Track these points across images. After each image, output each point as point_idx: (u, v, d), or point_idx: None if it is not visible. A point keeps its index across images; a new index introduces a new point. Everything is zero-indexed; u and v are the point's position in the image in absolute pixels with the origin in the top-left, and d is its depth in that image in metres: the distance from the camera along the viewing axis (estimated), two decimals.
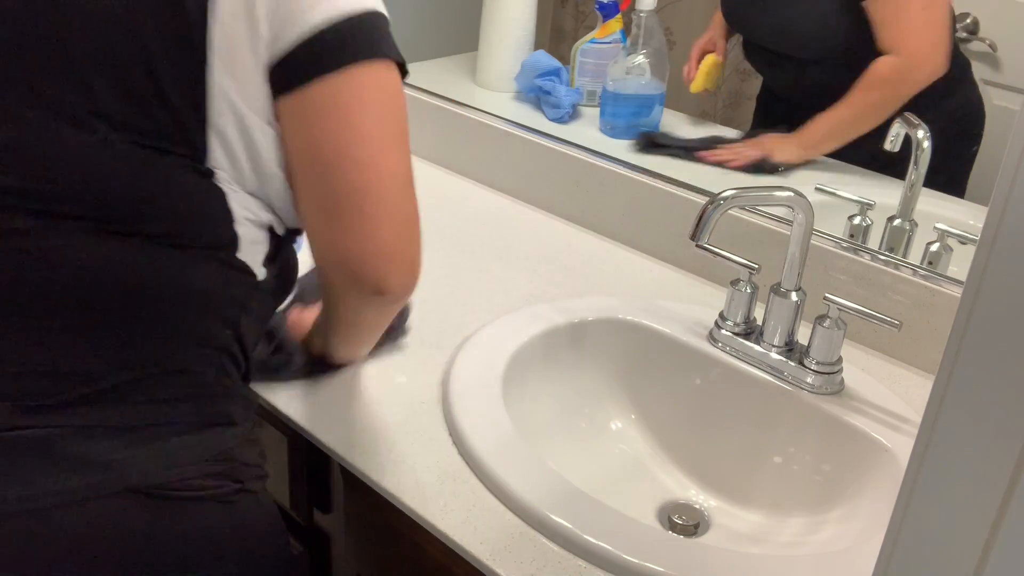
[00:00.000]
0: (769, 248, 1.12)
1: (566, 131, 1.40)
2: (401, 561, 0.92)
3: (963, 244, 1.07)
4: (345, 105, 0.74)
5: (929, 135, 1.05)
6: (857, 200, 1.15)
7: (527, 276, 1.21)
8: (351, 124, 0.74)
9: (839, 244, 1.10)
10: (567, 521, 0.80)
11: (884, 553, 0.46)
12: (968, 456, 0.41)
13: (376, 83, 0.75)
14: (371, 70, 0.74)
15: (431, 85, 1.53)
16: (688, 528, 0.98)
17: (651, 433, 1.08)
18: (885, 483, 0.90)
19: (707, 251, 0.98)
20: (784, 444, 1.00)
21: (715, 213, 0.92)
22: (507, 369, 1.00)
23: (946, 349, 0.41)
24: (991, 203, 0.38)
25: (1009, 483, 0.40)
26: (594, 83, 1.45)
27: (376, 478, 0.87)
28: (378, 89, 0.75)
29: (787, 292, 0.99)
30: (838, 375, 0.99)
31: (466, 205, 1.40)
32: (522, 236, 1.32)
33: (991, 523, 0.41)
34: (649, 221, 1.26)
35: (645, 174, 1.27)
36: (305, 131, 0.75)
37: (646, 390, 1.09)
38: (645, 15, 1.33)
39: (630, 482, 1.03)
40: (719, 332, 1.05)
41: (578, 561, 0.79)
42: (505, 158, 1.41)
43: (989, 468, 0.40)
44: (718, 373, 1.04)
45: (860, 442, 0.94)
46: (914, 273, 1.05)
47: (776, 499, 0.99)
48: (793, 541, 0.95)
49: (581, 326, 1.09)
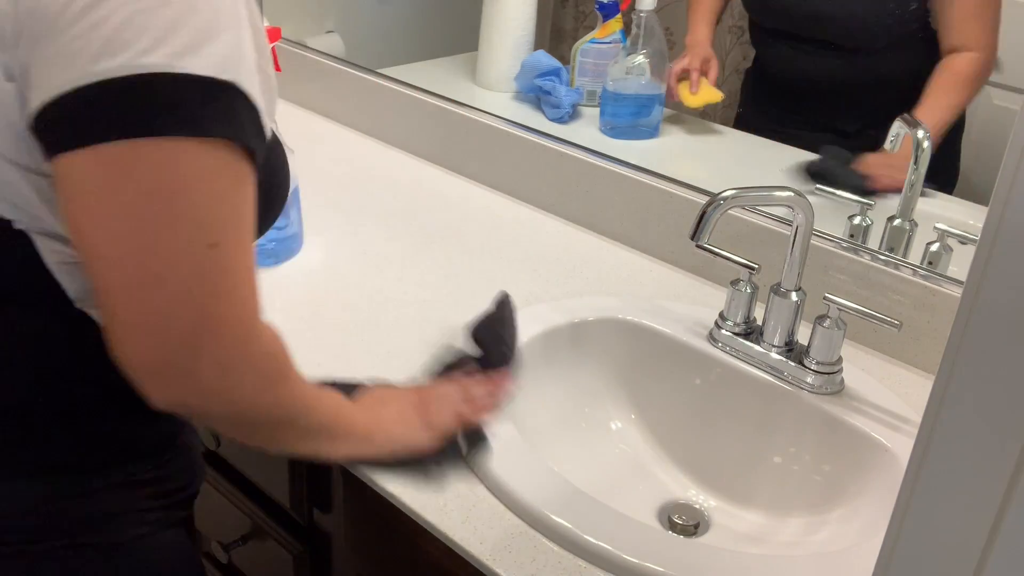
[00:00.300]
0: (769, 248, 1.12)
1: (566, 131, 1.40)
2: (401, 561, 0.92)
3: (963, 244, 1.07)
4: (90, 191, 0.59)
5: (929, 135, 1.05)
6: (857, 200, 1.15)
7: (527, 276, 1.21)
8: (97, 212, 0.59)
9: (839, 244, 1.10)
10: (567, 521, 0.80)
11: (884, 553, 0.46)
12: (968, 456, 0.41)
13: (136, 167, 0.58)
14: (135, 150, 0.58)
15: (431, 85, 1.53)
16: (688, 528, 0.98)
17: (651, 433, 1.08)
18: (885, 483, 0.90)
19: (707, 251, 0.98)
20: (784, 444, 1.00)
21: (715, 213, 0.92)
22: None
23: (946, 349, 0.41)
24: (991, 203, 0.38)
25: (1009, 483, 0.40)
26: (594, 83, 1.45)
27: (376, 478, 0.86)
28: (139, 174, 0.58)
29: (787, 292, 0.99)
30: (838, 375, 0.99)
31: (466, 205, 1.40)
32: (522, 236, 1.32)
33: (991, 523, 0.41)
34: (649, 221, 1.26)
35: (645, 174, 1.27)
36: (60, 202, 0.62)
37: (646, 390, 1.09)
38: (645, 15, 1.33)
39: (630, 482, 1.03)
40: (719, 332, 1.05)
41: (578, 561, 0.79)
42: (505, 158, 1.41)
43: (989, 468, 0.40)
44: (718, 373, 1.04)
45: (860, 442, 0.94)
46: (914, 273, 1.05)
47: (776, 499, 0.99)
48: (793, 541, 0.95)
49: (581, 326, 1.09)
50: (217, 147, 0.59)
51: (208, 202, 0.60)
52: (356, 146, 1.58)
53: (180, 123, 0.58)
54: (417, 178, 1.48)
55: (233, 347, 0.63)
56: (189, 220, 0.59)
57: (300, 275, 1.19)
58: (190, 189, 0.59)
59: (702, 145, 1.42)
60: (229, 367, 0.63)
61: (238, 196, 0.62)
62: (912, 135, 1.06)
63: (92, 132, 0.57)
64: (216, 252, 0.60)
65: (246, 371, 0.64)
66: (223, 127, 0.59)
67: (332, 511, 1.01)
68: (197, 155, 0.59)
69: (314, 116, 1.68)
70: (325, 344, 1.04)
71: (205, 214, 0.60)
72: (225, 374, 0.63)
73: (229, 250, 0.61)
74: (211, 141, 0.59)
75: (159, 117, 0.57)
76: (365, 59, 1.64)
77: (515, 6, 1.50)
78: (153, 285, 0.59)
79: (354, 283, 1.17)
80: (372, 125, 1.60)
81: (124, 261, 0.59)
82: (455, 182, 1.47)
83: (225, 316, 0.62)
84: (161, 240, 0.59)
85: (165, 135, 0.57)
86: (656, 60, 1.36)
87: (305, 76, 1.68)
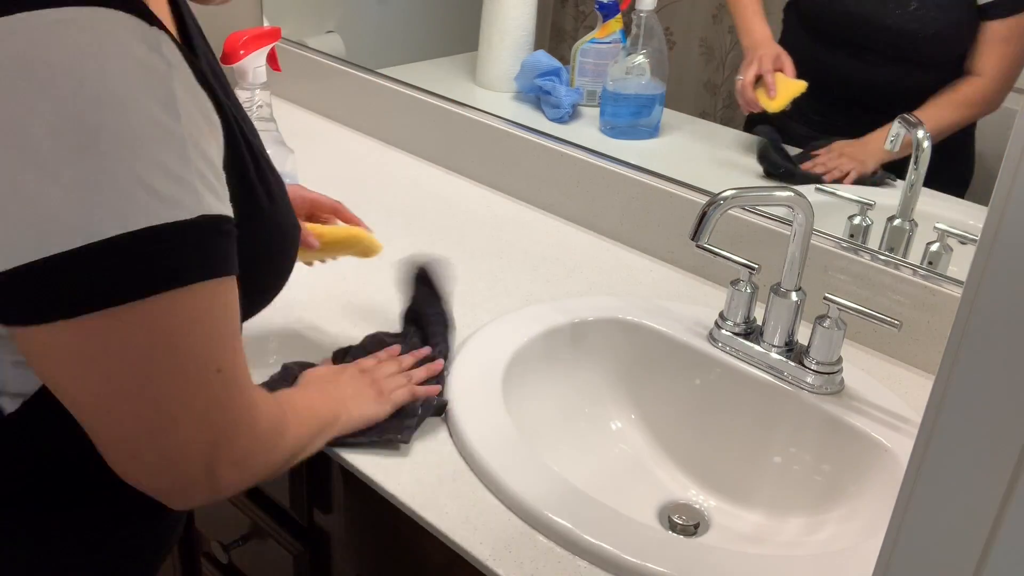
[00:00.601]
0: (769, 248, 1.12)
1: (566, 131, 1.40)
2: (401, 561, 0.92)
3: (963, 244, 1.07)
4: (72, 359, 0.57)
5: (929, 135, 1.05)
6: (857, 200, 1.15)
7: (527, 276, 1.21)
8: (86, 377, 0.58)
9: (839, 244, 1.10)
10: (567, 521, 0.80)
11: (884, 553, 0.46)
12: (968, 456, 0.41)
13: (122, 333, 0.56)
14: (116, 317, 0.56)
15: (431, 85, 1.53)
16: (688, 528, 0.98)
17: (651, 433, 1.08)
18: (885, 483, 0.90)
19: (707, 251, 0.98)
20: (784, 444, 1.00)
21: (715, 213, 0.92)
22: (507, 369, 1.00)
23: (946, 349, 0.41)
24: (991, 203, 0.38)
25: (1009, 483, 0.40)
26: (594, 83, 1.45)
27: (376, 478, 0.86)
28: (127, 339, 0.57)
29: (787, 292, 0.99)
30: (838, 375, 0.99)
31: (466, 205, 1.40)
32: (522, 236, 1.31)
33: (991, 523, 0.41)
34: (649, 221, 1.26)
35: (645, 174, 1.27)
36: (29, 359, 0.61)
37: (646, 390, 1.09)
38: (645, 15, 1.33)
39: (630, 482, 1.03)
40: (719, 332, 1.05)
41: (578, 561, 0.79)
42: (505, 158, 1.41)
43: (989, 468, 0.40)
44: (718, 373, 1.04)
45: (860, 442, 0.94)
46: (914, 273, 1.05)
47: (776, 499, 0.99)
48: (793, 541, 0.95)
49: (581, 326, 1.09)
50: (197, 289, 0.58)
51: (205, 339, 0.60)
52: (356, 146, 1.58)
53: (155, 280, 0.56)
54: (417, 178, 1.48)
55: (246, 442, 0.65)
56: (191, 362, 0.59)
57: (300, 275, 1.18)
58: (185, 335, 0.59)
59: (702, 145, 1.42)
60: (245, 462, 0.66)
61: (226, 317, 0.62)
62: (912, 135, 1.06)
63: (60, 308, 0.55)
64: (222, 374, 0.62)
65: (259, 454, 0.68)
66: (199, 269, 0.58)
67: (332, 511, 1.01)
68: (181, 303, 0.58)
69: (314, 116, 1.68)
70: (325, 344, 1.04)
71: (205, 350, 0.60)
72: (243, 469, 0.66)
73: (231, 364, 0.63)
74: (189, 288, 0.58)
75: (132, 281, 0.55)
76: (365, 59, 1.64)
77: (515, 6, 1.50)
78: (168, 427, 0.60)
79: (354, 283, 1.17)
80: (372, 125, 1.60)
81: (131, 414, 0.59)
82: (455, 182, 1.47)
83: (236, 421, 0.64)
84: (168, 389, 0.59)
85: (140, 299, 0.56)
86: (656, 60, 1.36)
87: (305, 76, 1.68)
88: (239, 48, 1.13)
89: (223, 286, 0.60)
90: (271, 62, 1.18)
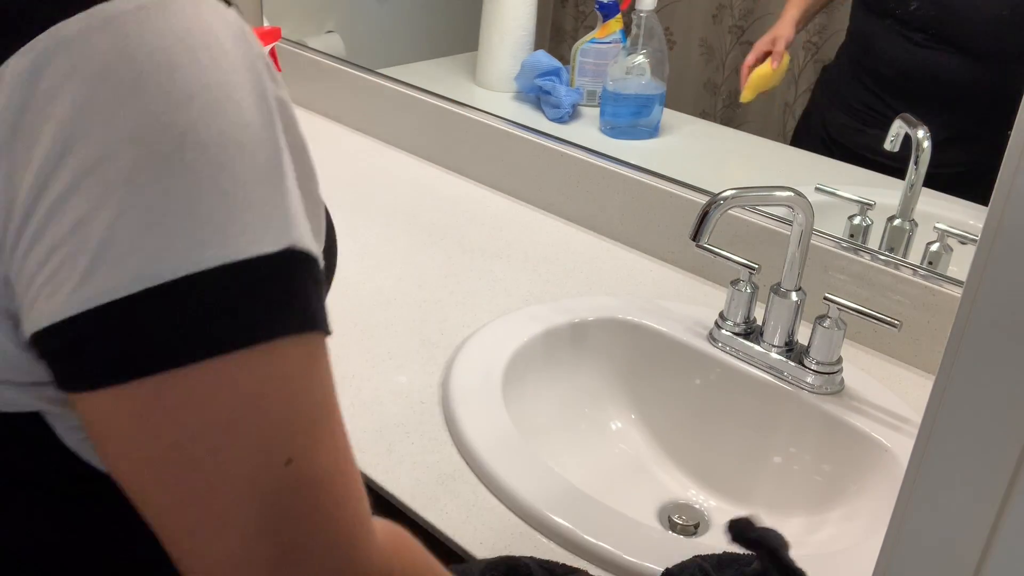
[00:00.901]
0: (769, 248, 1.12)
1: (566, 131, 1.40)
2: None
3: (963, 244, 1.07)
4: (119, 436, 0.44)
5: (929, 135, 1.05)
6: (857, 200, 1.15)
7: (527, 276, 1.21)
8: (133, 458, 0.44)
9: (839, 244, 1.10)
10: (567, 521, 0.80)
11: (884, 553, 0.46)
12: (968, 456, 0.41)
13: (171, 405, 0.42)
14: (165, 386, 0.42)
15: (431, 85, 1.53)
16: (688, 528, 0.98)
17: (651, 433, 1.08)
18: (885, 483, 0.90)
19: (707, 251, 0.98)
20: (784, 444, 1.00)
21: (715, 213, 0.92)
22: (507, 369, 1.00)
23: (946, 349, 0.41)
24: (991, 203, 0.38)
25: (1009, 483, 0.40)
26: (594, 83, 1.45)
27: (376, 478, 0.86)
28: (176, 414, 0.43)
29: (787, 292, 0.99)
30: (838, 375, 0.99)
31: (466, 205, 1.40)
32: (522, 236, 1.32)
33: (991, 523, 0.41)
34: (649, 221, 1.26)
35: (645, 174, 1.27)
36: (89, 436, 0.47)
37: (646, 390, 1.09)
38: (645, 15, 1.33)
39: (630, 482, 1.03)
40: (719, 332, 1.05)
41: (578, 561, 0.79)
42: (505, 158, 1.41)
43: (989, 468, 0.40)
44: (718, 373, 1.04)
45: (860, 442, 0.94)
46: (914, 273, 1.05)
47: (776, 499, 0.99)
48: (793, 541, 0.95)
49: (581, 326, 1.09)
50: (277, 346, 0.44)
51: (275, 419, 0.44)
52: (356, 146, 1.58)
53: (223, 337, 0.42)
54: (417, 178, 1.48)
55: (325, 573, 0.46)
56: (253, 448, 0.44)
57: None
58: (249, 412, 0.43)
59: (702, 145, 1.42)
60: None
61: (311, 390, 0.46)
62: (912, 135, 1.06)
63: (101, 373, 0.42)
64: (293, 468, 0.45)
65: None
66: (283, 320, 0.44)
67: None
68: (251, 368, 0.43)
69: (314, 116, 1.68)
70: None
71: (273, 434, 0.44)
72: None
73: (310, 458, 0.45)
74: (268, 344, 0.43)
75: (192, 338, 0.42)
76: (365, 59, 1.64)
77: (515, 6, 1.50)
78: (219, 531, 0.45)
79: (354, 283, 1.17)
80: (372, 125, 1.60)
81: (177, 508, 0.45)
82: (455, 182, 1.47)
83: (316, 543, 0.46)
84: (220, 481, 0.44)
85: (202, 360, 0.42)
86: (656, 60, 1.36)
87: (305, 76, 1.68)
88: None
89: (312, 346, 0.46)
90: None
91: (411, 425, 0.93)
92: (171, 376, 0.42)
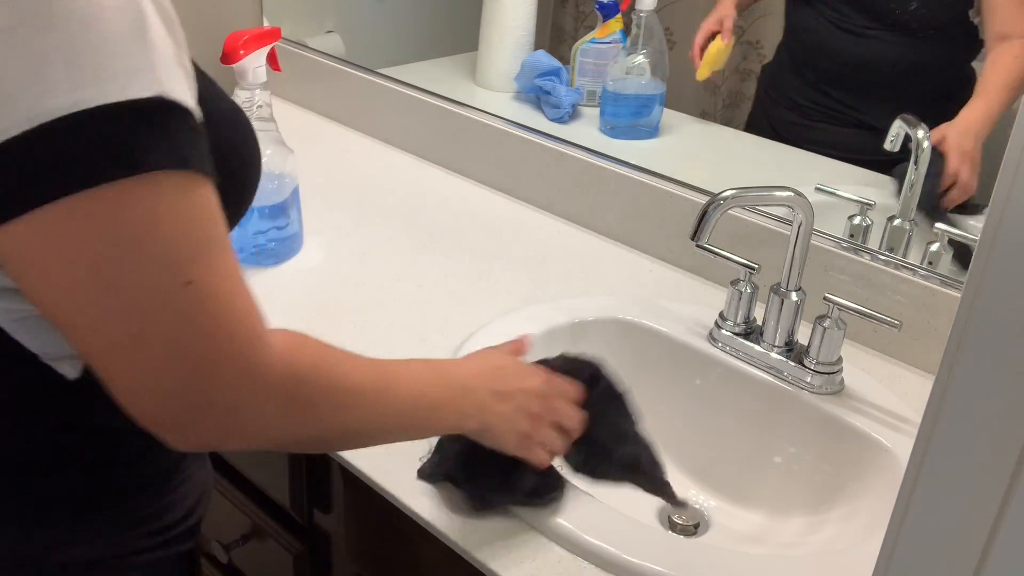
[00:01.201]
0: (769, 248, 1.12)
1: (566, 131, 1.40)
2: (401, 561, 0.92)
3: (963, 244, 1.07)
4: (35, 262, 0.52)
5: (928, 135, 1.05)
6: (857, 200, 1.15)
7: (527, 276, 1.21)
8: (51, 282, 0.53)
9: (839, 244, 1.10)
10: (567, 521, 0.80)
11: (884, 553, 0.46)
12: (968, 456, 0.41)
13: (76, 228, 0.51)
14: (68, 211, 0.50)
15: (431, 85, 1.53)
16: (688, 528, 0.98)
17: (651, 433, 1.08)
18: (885, 483, 0.90)
19: (707, 251, 0.98)
20: (784, 444, 1.00)
21: (715, 213, 0.92)
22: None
23: (946, 349, 0.41)
24: (991, 203, 0.38)
25: (1009, 483, 0.40)
26: (594, 83, 1.45)
27: (376, 478, 0.86)
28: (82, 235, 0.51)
29: (787, 292, 0.99)
30: (838, 375, 0.99)
31: (466, 205, 1.40)
32: (522, 236, 1.32)
33: (991, 523, 0.41)
34: (649, 221, 1.26)
35: (645, 174, 1.27)
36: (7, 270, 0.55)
37: (646, 390, 1.09)
38: (645, 15, 1.33)
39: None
40: (719, 332, 1.05)
41: (578, 561, 0.79)
42: (505, 158, 1.41)
43: (989, 468, 0.40)
44: (718, 373, 1.04)
45: (860, 442, 0.94)
46: (914, 273, 1.05)
47: (776, 499, 0.99)
48: (793, 541, 0.95)
49: (581, 326, 1.09)
50: (159, 178, 0.52)
51: (169, 241, 0.53)
52: (356, 146, 1.58)
53: (109, 166, 0.50)
54: (417, 178, 1.48)
55: (240, 384, 0.56)
56: (154, 267, 0.52)
57: (300, 275, 1.19)
58: (144, 234, 0.52)
59: (702, 145, 1.42)
60: (241, 407, 0.57)
61: (199, 221, 0.54)
62: (912, 135, 1.06)
63: (7, 205, 0.50)
64: (193, 288, 0.54)
65: (263, 404, 0.58)
66: (160, 155, 0.51)
67: (332, 511, 1.01)
68: (139, 196, 0.51)
69: (314, 116, 1.68)
70: None
71: (169, 255, 0.53)
72: (240, 413, 0.57)
73: (206, 281, 0.54)
74: (150, 176, 0.51)
75: (82, 167, 0.50)
76: (365, 59, 1.64)
77: (515, 6, 1.50)
78: (136, 346, 0.53)
79: (354, 283, 1.17)
80: (372, 125, 1.60)
81: (97, 327, 0.53)
82: (455, 182, 1.47)
83: (221, 354, 0.55)
84: (129, 298, 0.52)
85: (94, 185, 0.50)
86: (656, 60, 1.36)
87: (305, 76, 1.68)
88: (239, 48, 1.13)
89: (192, 182, 0.54)
90: (271, 62, 1.18)
91: None
92: (70, 203, 0.50)
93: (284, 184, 1.18)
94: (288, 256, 1.22)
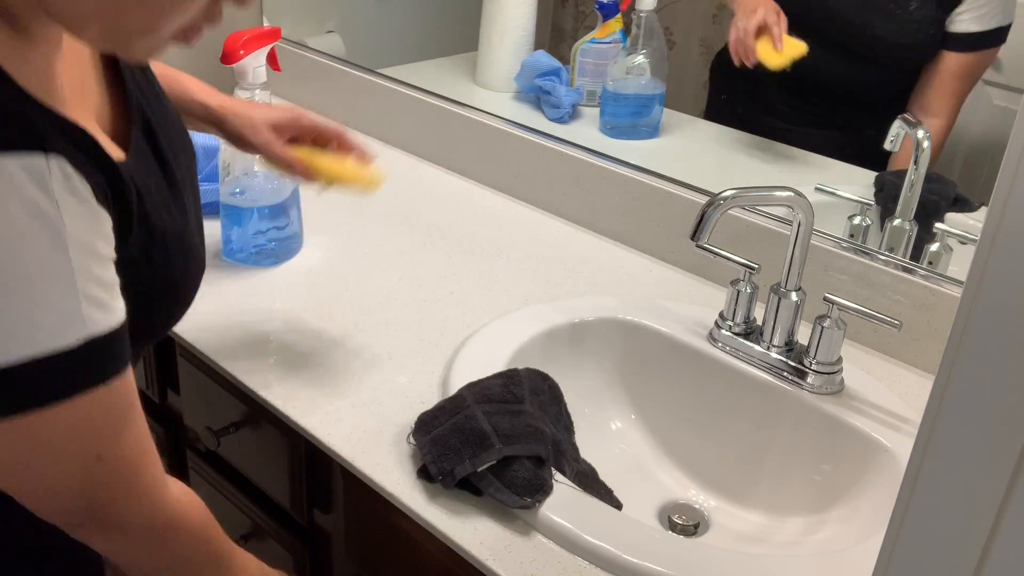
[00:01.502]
0: (769, 248, 1.12)
1: (566, 131, 1.40)
2: (401, 561, 0.92)
3: (963, 244, 1.07)
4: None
5: (928, 135, 1.05)
6: (857, 200, 1.15)
7: (527, 276, 1.21)
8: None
9: (839, 244, 1.10)
10: (567, 521, 0.80)
11: (884, 553, 0.46)
12: (968, 456, 0.41)
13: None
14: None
15: (431, 85, 1.53)
16: (688, 528, 0.98)
17: (651, 433, 1.08)
18: (885, 483, 0.90)
19: (707, 251, 0.98)
20: (784, 444, 1.00)
21: (715, 213, 0.92)
22: (507, 369, 1.00)
23: (946, 349, 0.41)
24: (991, 203, 0.38)
25: (1009, 483, 0.40)
26: (594, 83, 1.45)
27: (376, 478, 0.86)
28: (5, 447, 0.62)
29: (787, 292, 0.99)
30: (838, 375, 0.99)
31: (466, 205, 1.40)
32: (522, 236, 1.32)
33: (991, 523, 0.41)
34: (649, 221, 1.26)
35: (645, 174, 1.27)
36: None
37: (646, 390, 1.09)
38: (645, 15, 1.33)
39: (630, 482, 1.03)
40: (719, 332, 1.05)
41: (578, 561, 0.79)
42: (505, 158, 1.41)
43: (989, 468, 0.40)
44: (718, 373, 1.04)
45: (860, 442, 0.94)
46: (914, 273, 1.05)
47: (776, 499, 0.99)
48: (793, 541, 0.95)
49: (581, 326, 1.09)
50: (76, 399, 0.61)
51: (81, 440, 0.63)
52: None
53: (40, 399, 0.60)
54: (417, 178, 1.48)
55: (132, 522, 0.69)
56: (67, 461, 0.63)
57: (300, 275, 1.19)
58: (62, 441, 0.62)
59: (702, 145, 1.42)
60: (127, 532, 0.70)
61: (112, 408, 0.64)
62: (912, 135, 1.06)
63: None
64: (103, 462, 0.65)
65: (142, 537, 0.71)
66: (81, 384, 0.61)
67: (332, 511, 1.01)
68: (57, 415, 0.61)
69: (314, 116, 1.68)
70: (325, 344, 1.04)
71: (81, 448, 0.63)
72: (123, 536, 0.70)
73: (114, 451, 0.66)
74: (67, 400, 0.61)
75: (19, 398, 0.59)
76: (365, 59, 1.64)
77: (515, 6, 1.50)
78: (48, 497, 0.65)
79: (354, 283, 1.17)
80: (372, 125, 1.60)
81: (15, 486, 0.64)
82: (455, 182, 1.47)
83: (121, 499, 0.68)
84: (46, 474, 0.64)
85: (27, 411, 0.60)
86: (656, 60, 1.36)
87: (305, 76, 1.68)
88: (239, 48, 1.13)
89: (102, 390, 0.63)
90: (271, 62, 1.18)
91: (411, 425, 0.93)
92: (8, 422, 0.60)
93: (284, 184, 1.19)
94: (288, 256, 1.22)
